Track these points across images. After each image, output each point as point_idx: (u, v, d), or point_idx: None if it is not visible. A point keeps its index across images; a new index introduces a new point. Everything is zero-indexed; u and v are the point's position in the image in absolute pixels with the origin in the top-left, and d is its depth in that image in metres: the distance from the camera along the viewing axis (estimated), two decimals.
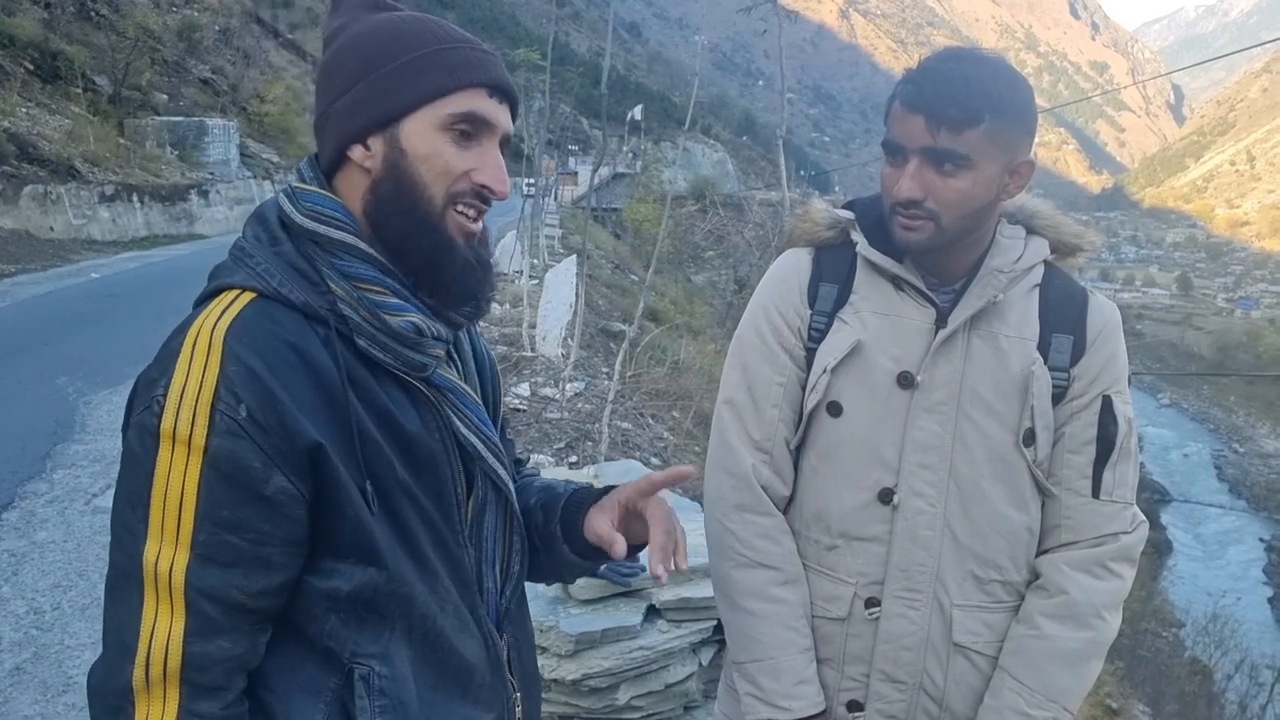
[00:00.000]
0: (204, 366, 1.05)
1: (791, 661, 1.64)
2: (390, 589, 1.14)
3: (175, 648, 1.04)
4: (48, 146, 18.94)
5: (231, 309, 1.09)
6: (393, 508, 1.15)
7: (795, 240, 1.77)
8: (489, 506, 1.30)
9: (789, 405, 1.68)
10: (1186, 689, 15.88)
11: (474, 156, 1.18)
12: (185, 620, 1.04)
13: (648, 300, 12.72)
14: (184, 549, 1.04)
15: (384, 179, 1.16)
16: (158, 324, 10.40)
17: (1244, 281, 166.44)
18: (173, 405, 1.04)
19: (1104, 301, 1.69)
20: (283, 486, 1.06)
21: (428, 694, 1.19)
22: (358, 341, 1.14)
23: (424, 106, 1.16)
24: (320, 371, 1.10)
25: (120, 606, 1.07)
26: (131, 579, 1.06)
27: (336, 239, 1.15)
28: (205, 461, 1.04)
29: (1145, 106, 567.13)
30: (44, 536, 4.98)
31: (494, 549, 1.31)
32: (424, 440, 1.19)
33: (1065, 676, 1.60)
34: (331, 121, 1.19)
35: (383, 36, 1.18)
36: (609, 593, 3.18)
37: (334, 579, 1.13)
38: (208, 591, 1.04)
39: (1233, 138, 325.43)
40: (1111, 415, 1.61)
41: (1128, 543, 1.63)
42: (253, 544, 1.06)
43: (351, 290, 1.14)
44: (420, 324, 1.16)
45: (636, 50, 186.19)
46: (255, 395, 1.05)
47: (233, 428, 1.04)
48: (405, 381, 1.19)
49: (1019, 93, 1.51)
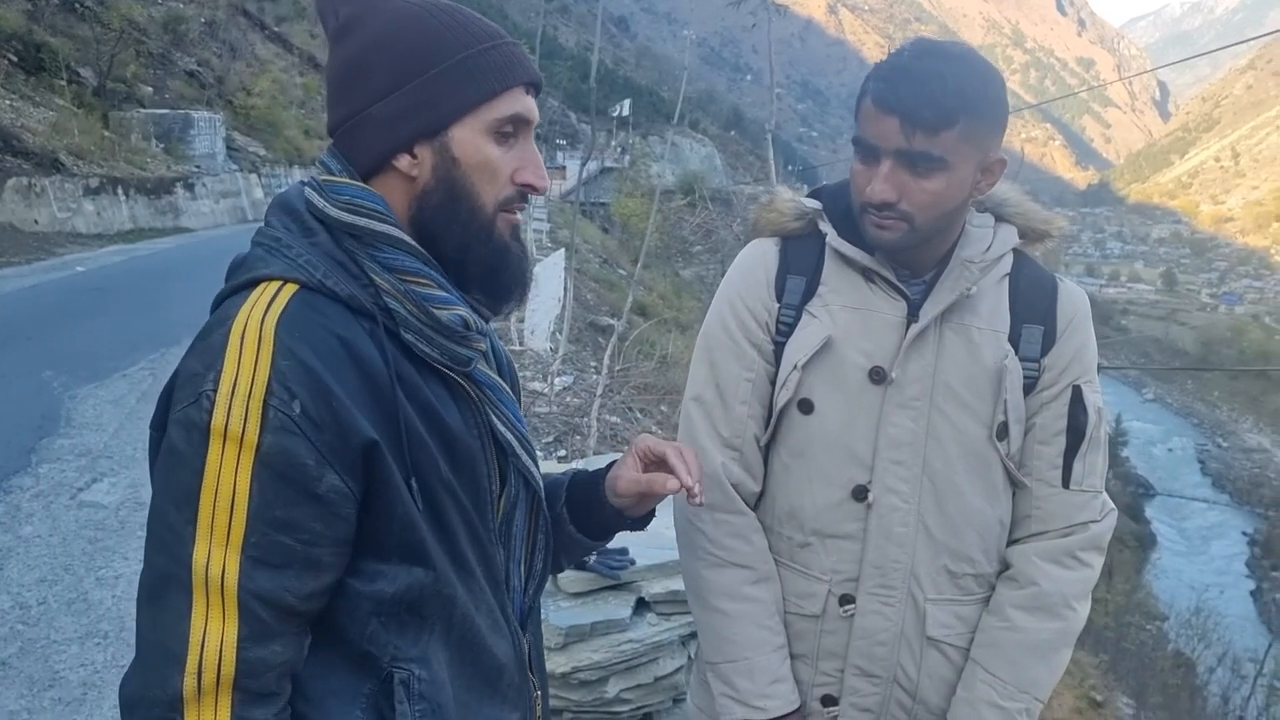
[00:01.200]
0: (255, 360, 1.01)
1: (765, 660, 1.63)
2: (436, 589, 1.13)
3: (229, 654, 1.00)
4: (32, 139, 18.77)
5: (279, 300, 1.05)
6: (436, 506, 1.13)
7: (760, 230, 1.74)
8: (519, 504, 1.28)
9: (758, 401, 1.66)
10: (1170, 681, 15.98)
11: (515, 156, 1.17)
12: (239, 625, 1.01)
13: (636, 295, 12.71)
14: (235, 550, 1.00)
15: (434, 189, 1.14)
16: (144, 318, 10.40)
17: (1228, 277, 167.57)
18: (224, 400, 1.00)
19: (1073, 289, 1.68)
20: (335, 485, 1.03)
21: (462, 695, 1.18)
22: (403, 335, 1.11)
23: (472, 112, 1.13)
24: (369, 366, 1.07)
25: (163, 613, 1.02)
26: (177, 583, 1.01)
27: (379, 231, 1.12)
28: (258, 459, 1.00)
29: (1131, 103, 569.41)
30: (29, 531, 4.93)
31: (521, 548, 1.30)
32: (464, 437, 1.17)
33: (1036, 667, 1.61)
34: (371, 128, 1.13)
35: (419, 35, 1.13)
36: (598, 586, 3.19)
37: (378, 581, 1.10)
38: (261, 594, 1.01)
39: (1217, 134, 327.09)
40: (1081, 405, 1.61)
41: (1097, 531, 1.64)
42: (305, 544, 1.03)
43: (397, 283, 1.11)
44: (467, 317, 1.15)
45: (625, 45, 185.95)
46: (309, 390, 1.01)
47: (286, 424, 1.00)
48: (446, 377, 1.16)
49: (992, 89, 1.48)
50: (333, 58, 1.17)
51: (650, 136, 65.15)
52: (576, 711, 3.07)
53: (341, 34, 1.16)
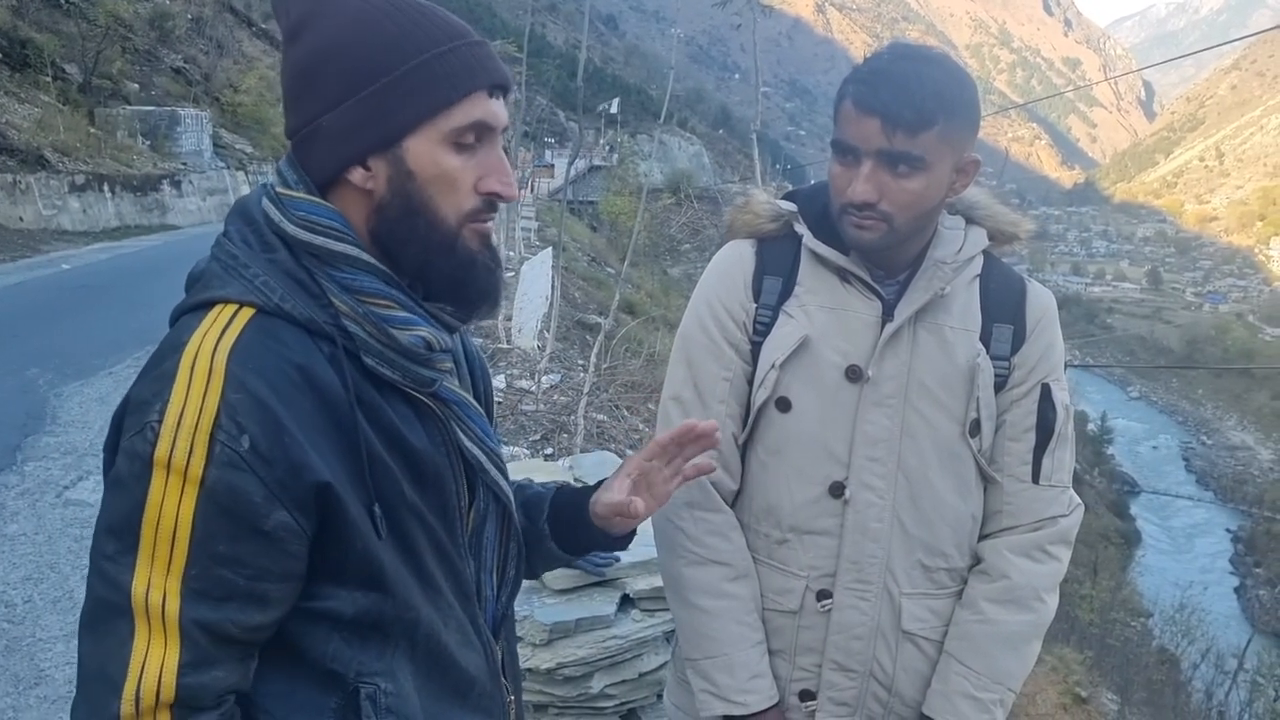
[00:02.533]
0: (204, 392, 0.98)
1: (745, 656, 1.66)
2: (395, 614, 1.11)
3: (169, 679, 0.98)
4: (17, 136, 18.66)
5: (232, 328, 1.02)
6: (401, 529, 1.11)
7: (736, 232, 1.76)
8: (490, 517, 1.27)
9: (736, 400, 1.68)
10: (1154, 677, 16.06)
11: (478, 164, 1.11)
12: (180, 652, 0.98)
13: (624, 293, 12.73)
14: (175, 579, 0.98)
15: (391, 203, 1.09)
16: (129, 315, 10.35)
17: (1212, 276, 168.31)
18: (169, 432, 0.97)
19: (1041, 290, 1.72)
20: (284, 521, 1.01)
21: (431, 706, 1.16)
22: (364, 359, 1.08)
23: (427, 123, 1.07)
24: (328, 393, 1.04)
25: (104, 640, 1.00)
26: (117, 610, 0.99)
27: (337, 250, 1.07)
28: (202, 494, 0.97)
29: (1117, 102, 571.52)
30: (15, 529, 4.94)
31: (492, 557, 1.30)
32: (430, 456, 1.15)
33: (1009, 658, 1.65)
34: (322, 139, 1.08)
35: (369, 40, 1.06)
36: (583, 582, 3.21)
37: (332, 601, 1.08)
38: (203, 623, 0.99)
39: (1202, 134, 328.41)
40: (1050, 403, 1.65)
41: (1065, 525, 1.68)
42: (249, 580, 1.00)
43: (356, 305, 1.07)
44: (430, 338, 1.11)
45: (613, 43, 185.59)
46: (260, 425, 0.98)
47: (234, 459, 0.97)
48: (411, 397, 1.13)
49: (966, 91, 1.52)
50: (285, 59, 1.12)
51: (638, 135, 65.09)
52: (561, 707, 3.09)
53: (293, 35, 1.10)
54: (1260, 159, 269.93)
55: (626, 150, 56.04)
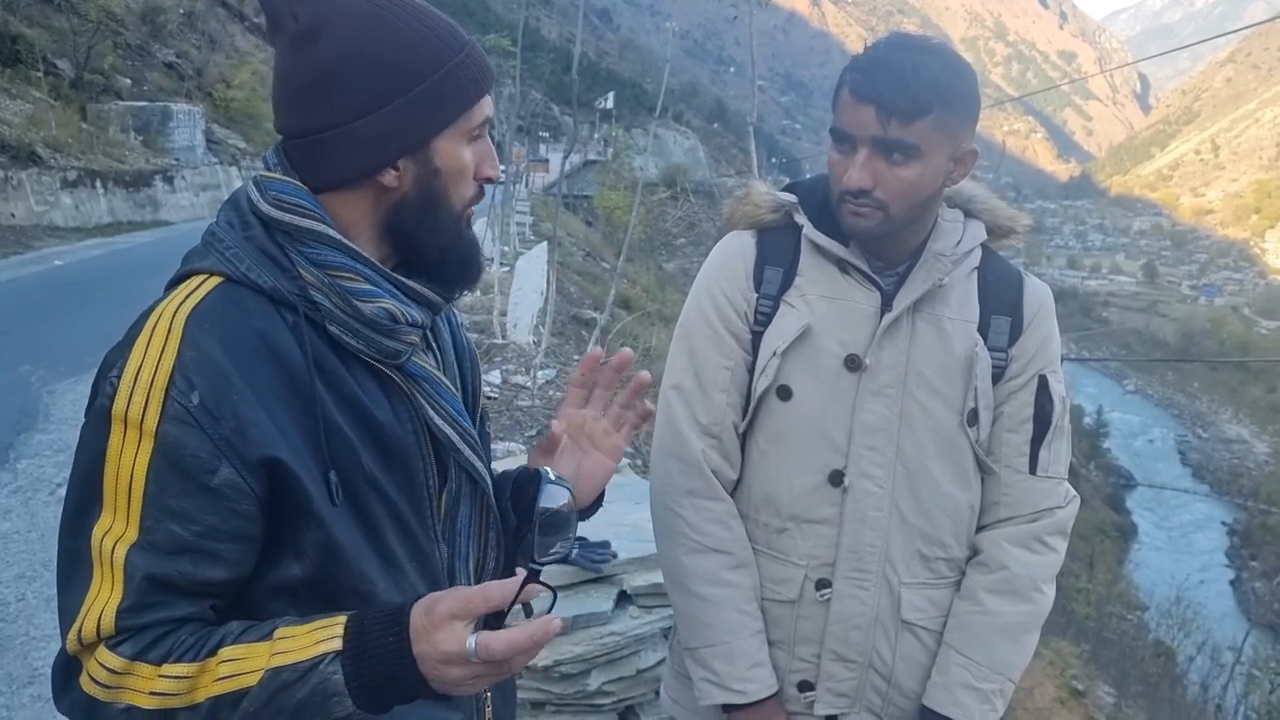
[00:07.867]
0: (160, 351, 1.03)
1: (744, 645, 1.66)
2: (351, 584, 1.11)
3: (109, 618, 1.01)
4: (8, 131, 18.59)
5: (197, 293, 1.07)
6: (358, 501, 1.12)
7: (736, 223, 1.78)
8: (463, 500, 1.26)
9: (736, 389, 1.70)
10: (1150, 670, 16.13)
11: (476, 153, 1.20)
12: (122, 596, 1.01)
13: (619, 288, 12.73)
14: (133, 528, 1.02)
15: (413, 198, 1.16)
16: (122, 312, 10.21)
17: (1208, 269, 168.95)
18: (126, 388, 1.02)
19: (1037, 283, 1.74)
20: (229, 479, 1.03)
21: None
22: (329, 328, 1.12)
23: (452, 125, 1.15)
24: (286, 359, 1.07)
25: (69, 590, 1.05)
26: (82, 560, 1.04)
27: (304, 227, 1.11)
28: (155, 447, 1.01)
29: (1112, 95, 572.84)
30: (8, 527, 4.92)
31: (468, 544, 1.28)
32: (395, 430, 1.16)
33: (1008, 649, 1.66)
34: (352, 144, 1.12)
35: (396, 47, 1.11)
36: (580, 579, 3.19)
37: (292, 570, 1.10)
38: (150, 574, 1.01)
39: (1197, 127, 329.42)
40: (1047, 394, 1.67)
41: (1062, 517, 1.69)
42: (198, 536, 1.03)
43: (322, 277, 1.11)
44: (394, 310, 1.14)
45: (608, 37, 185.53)
46: (210, 382, 1.02)
47: (182, 414, 1.01)
48: (377, 370, 1.16)
49: (964, 81, 1.54)
50: (297, 61, 1.13)
51: (633, 129, 65.05)
52: (558, 704, 3.08)
53: (308, 38, 1.12)
54: (1255, 152, 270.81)
55: (621, 145, 55.98)
